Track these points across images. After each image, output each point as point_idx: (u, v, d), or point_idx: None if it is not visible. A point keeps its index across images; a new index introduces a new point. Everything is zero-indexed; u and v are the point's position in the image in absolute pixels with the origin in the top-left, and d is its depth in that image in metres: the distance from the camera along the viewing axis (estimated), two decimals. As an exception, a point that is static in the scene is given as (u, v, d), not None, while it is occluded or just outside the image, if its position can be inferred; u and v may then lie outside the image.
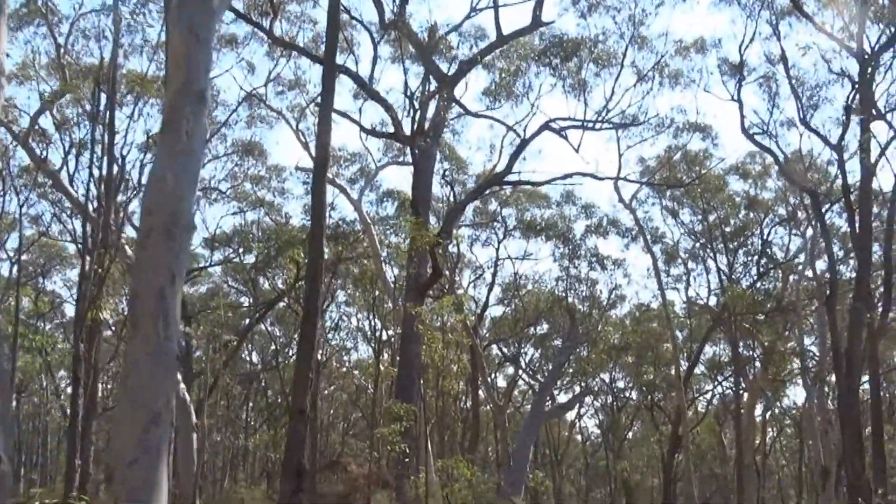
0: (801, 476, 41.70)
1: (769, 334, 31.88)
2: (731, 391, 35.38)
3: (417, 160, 25.61)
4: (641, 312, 37.63)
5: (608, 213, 33.60)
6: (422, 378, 22.08)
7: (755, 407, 34.75)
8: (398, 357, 25.97)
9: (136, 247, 5.95)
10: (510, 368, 42.41)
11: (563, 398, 39.43)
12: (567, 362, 34.22)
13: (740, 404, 32.83)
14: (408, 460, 20.50)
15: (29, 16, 24.19)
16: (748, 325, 31.66)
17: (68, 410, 24.02)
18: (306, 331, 13.01)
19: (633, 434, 48.67)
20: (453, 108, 27.70)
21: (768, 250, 33.34)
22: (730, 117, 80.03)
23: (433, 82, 26.33)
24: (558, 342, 36.52)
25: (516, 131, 26.80)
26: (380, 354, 30.78)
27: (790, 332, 32.28)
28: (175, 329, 5.02)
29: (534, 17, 24.71)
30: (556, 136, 25.92)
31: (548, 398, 32.58)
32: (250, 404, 44.25)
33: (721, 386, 38.88)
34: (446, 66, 26.86)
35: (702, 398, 41.81)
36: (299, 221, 30.80)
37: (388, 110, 25.76)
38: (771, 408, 40.20)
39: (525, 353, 40.72)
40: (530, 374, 40.67)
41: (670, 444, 34.75)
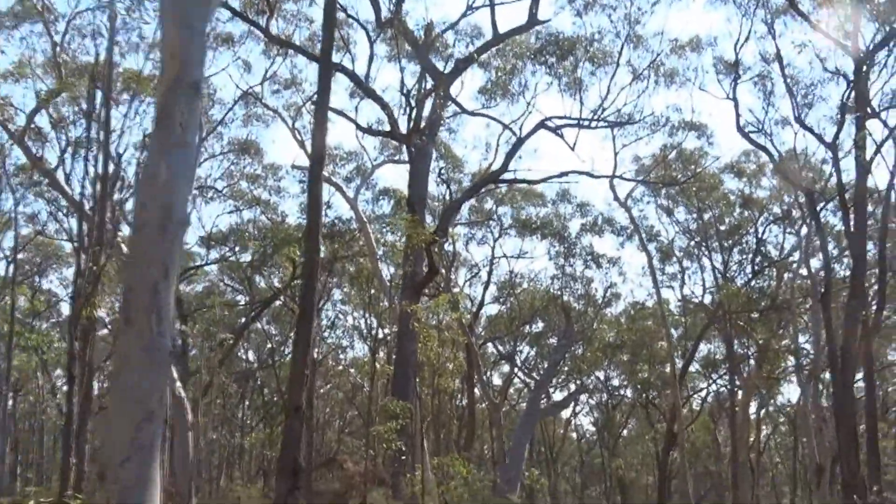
0: (795, 473, 41.83)
1: (763, 332, 31.99)
2: (726, 389, 35.49)
3: (413, 158, 25.66)
4: (636, 310, 37.72)
5: (603, 211, 33.77)
6: (417, 376, 22.12)
7: (750, 404, 34.89)
8: (394, 355, 26.04)
9: (129, 241, 5.82)
10: (506, 366, 42.51)
11: (558, 396, 39.57)
12: (562, 360, 34.28)
13: (735, 402, 32.96)
14: (404, 458, 20.57)
15: (25, 14, 24.19)
16: (743, 323, 31.77)
17: (64, 409, 24.01)
18: (302, 328, 12.97)
19: (628, 432, 48.79)
20: (449, 107, 27.75)
21: (763, 248, 33.47)
22: (725, 116, 80.00)
23: (429, 80, 26.39)
24: (554, 340, 36.60)
25: (512, 130, 26.89)
26: (376, 352, 30.84)
27: (784, 330, 32.40)
28: (169, 325, 4.91)
29: (530, 15, 24.78)
30: (551, 135, 26.01)
31: (543, 396, 32.66)
32: (246, 403, 44.27)
33: (716, 384, 39.04)
34: (442, 65, 26.94)
35: (696, 396, 41.97)
36: (295, 220, 30.87)
37: (384, 108, 25.81)
38: (765, 405, 40.31)
39: (520, 352, 40.84)
40: (526, 372, 40.77)
41: (665, 442, 34.84)
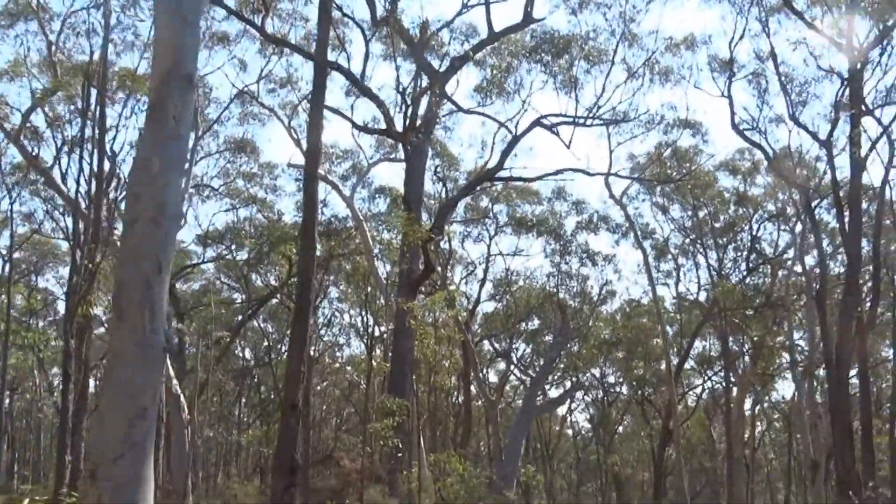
0: (789, 470, 41.98)
1: (758, 329, 32.09)
2: (721, 385, 35.64)
3: (409, 157, 25.70)
4: (632, 308, 37.81)
5: (599, 209, 33.83)
6: (414, 373, 22.17)
7: (744, 401, 35.00)
8: (390, 353, 26.09)
9: (121, 235, 5.66)
10: (502, 364, 42.62)
11: (554, 393, 39.65)
12: (558, 357, 34.39)
13: (730, 398, 33.07)
14: (400, 455, 20.65)
15: (20, 12, 24.18)
16: (738, 320, 31.89)
17: (60, 407, 24.04)
18: (298, 325, 12.99)
19: (623, 428, 48.92)
20: (445, 105, 27.79)
21: (757, 246, 33.59)
22: (720, 114, 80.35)
23: (425, 79, 26.42)
24: (549, 338, 36.68)
25: (508, 128, 26.92)
26: (372, 350, 30.90)
27: (779, 326, 32.51)
28: (162, 320, 4.84)
29: (525, 13, 24.81)
30: (547, 134, 26.06)
31: (539, 393, 32.76)
32: (243, 400, 44.34)
33: (711, 380, 39.15)
34: (438, 63, 26.96)
35: (692, 393, 42.06)
36: (291, 218, 30.89)
37: (379, 107, 25.83)
38: (760, 402, 40.46)
39: (516, 349, 40.91)
40: (522, 369, 40.84)
41: (661, 439, 34.99)
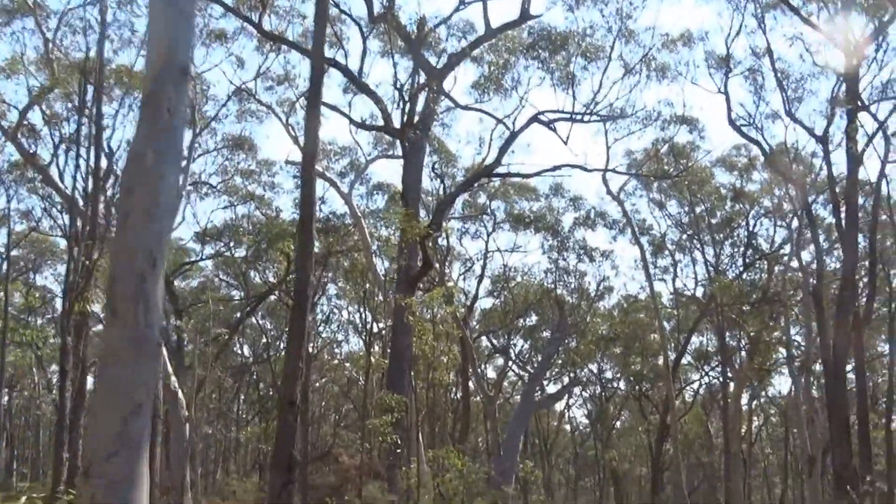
0: (786, 464, 42.16)
1: (755, 324, 32.18)
2: (718, 381, 35.75)
3: (407, 153, 25.73)
4: (629, 303, 37.89)
5: (596, 205, 33.86)
6: (412, 369, 22.24)
7: (741, 396, 35.10)
8: (389, 349, 26.13)
9: (115, 228, 5.52)
10: (500, 359, 42.70)
11: (552, 389, 39.68)
12: (556, 353, 34.44)
13: (727, 393, 33.19)
14: (399, 451, 20.70)
15: (16, 9, 24.17)
16: (734, 315, 31.97)
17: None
18: (296, 320, 12.98)
19: (621, 424, 49.03)
20: (442, 102, 27.81)
21: (754, 242, 33.69)
22: (716, 110, 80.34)
23: (422, 75, 26.44)
24: (547, 333, 36.77)
25: (505, 124, 26.93)
26: (370, 346, 30.95)
27: (776, 322, 32.61)
28: (156, 315, 4.75)
29: (522, 10, 24.84)
30: (544, 131, 26.09)
31: (537, 389, 32.81)
32: (242, 397, 44.40)
33: (708, 376, 39.26)
34: (435, 60, 26.99)
35: (689, 388, 42.20)
36: (289, 215, 30.92)
37: (377, 103, 25.87)
38: (757, 397, 40.59)
39: (514, 345, 41.02)
40: (520, 365, 40.93)
41: (658, 434, 35.10)
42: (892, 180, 24.90)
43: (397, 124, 25.71)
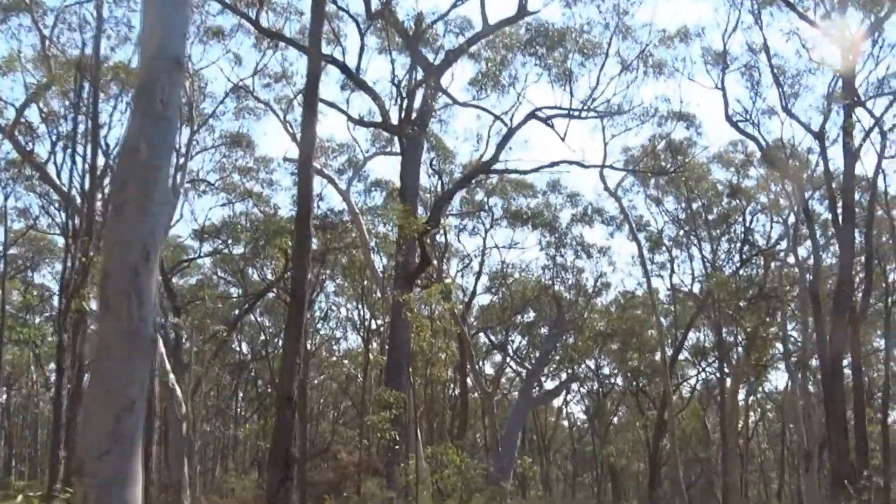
0: (783, 459, 42.28)
1: (752, 320, 32.26)
2: (715, 376, 35.80)
3: (405, 150, 25.75)
4: (626, 299, 37.96)
5: (593, 201, 33.98)
6: (410, 366, 22.26)
7: (738, 392, 35.20)
8: (387, 345, 26.18)
9: (108, 222, 5.44)
10: (498, 356, 42.75)
11: (549, 385, 39.76)
12: (554, 349, 34.51)
13: (724, 389, 33.27)
14: (397, 447, 20.72)
15: (12, 7, 24.15)
16: (731, 311, 32.04)
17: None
18: (294, 314, 12.99)
19: (618, 419, 49.13)
20: (440, 98, 27.84)
21: (751, 237, 33.75)
22: (713, 106, 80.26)
23: (420, 72, 26.46)
24: (545, 330, 36.84)
25: (503, 120, 26.96)
26: (369, 343, 30.96)
27: (772, 317, 32.69)
28: (150, 310, 4.64)
29: (519, 6, 24.86)
30: (542, 127, 26.13)
31: (535, 385, 32.88)
32: (240, 394, 44.40)
33: (705, 371, 39.32)
34: (433, 56, 27.01)
35: (686, 383, 42.28)
36: (287, 212, 30.92)
37: (375, 100, 25.90)
38: (753, 392, 40.67)
39: (512, 341, 41.08)
40: (518, 361, 40.98)
41: (655, 429, 35.18)
42: (889, 176, 25.11)
43: (395, 121, 25.74)
